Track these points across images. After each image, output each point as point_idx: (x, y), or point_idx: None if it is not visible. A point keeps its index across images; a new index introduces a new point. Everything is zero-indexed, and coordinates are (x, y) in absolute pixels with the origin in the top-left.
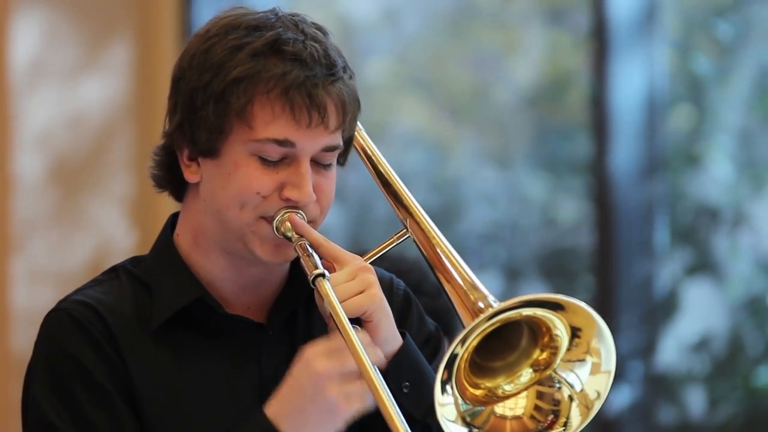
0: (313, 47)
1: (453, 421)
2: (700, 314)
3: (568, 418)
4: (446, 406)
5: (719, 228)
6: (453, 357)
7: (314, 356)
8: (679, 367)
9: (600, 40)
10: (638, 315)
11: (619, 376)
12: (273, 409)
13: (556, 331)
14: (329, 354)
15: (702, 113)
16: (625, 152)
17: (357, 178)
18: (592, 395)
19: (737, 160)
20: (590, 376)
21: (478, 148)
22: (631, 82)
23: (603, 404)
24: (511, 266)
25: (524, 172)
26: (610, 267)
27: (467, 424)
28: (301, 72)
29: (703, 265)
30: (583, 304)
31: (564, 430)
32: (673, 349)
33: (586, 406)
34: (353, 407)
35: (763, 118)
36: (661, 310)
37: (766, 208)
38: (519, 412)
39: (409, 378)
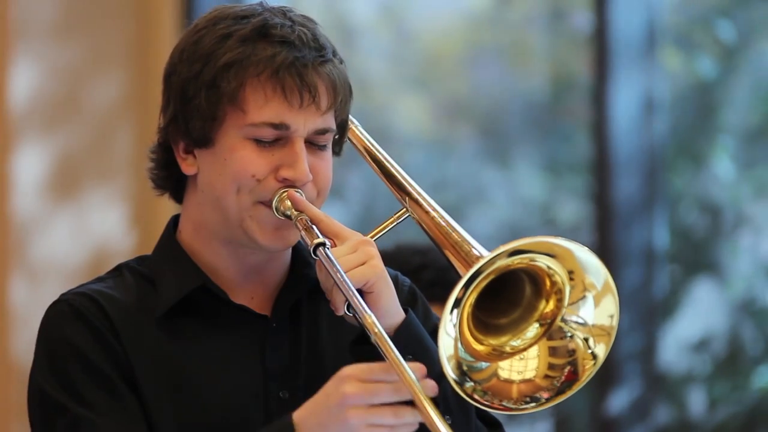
0: (301, 31)
1: (447, 360)
2: (700, 314)
3: (593, 356)
4: (448, 338)
5: (719, 228)
6: (467, 284)
7: (348, 377)
8: (679, 367)
9: (601, 43)
10: (638, 315)
11: (619, 375)
12: (300, 415)
13: (554, 273)
14: (363, 379)
15: (703, 113)
16: (625, 152)
17: (358, 179)
18: (606, 322)
19: (738, 160)
20: (596, 309)
21: (479, 148)
22: (633, 83)
23: (603, 404)
24: None
25: (524, 172)
26: (610, 267)
27: (463, 374)
28: (290, 53)
29: (704, 266)
30: (561, 241)
31: (594, 365)
32: (673, 349)
33: (607, 334)
34: None
35: (765, 119)
36: (661, 310)
37: (766, 209)
38: (530, 374)
39: (412, 351)
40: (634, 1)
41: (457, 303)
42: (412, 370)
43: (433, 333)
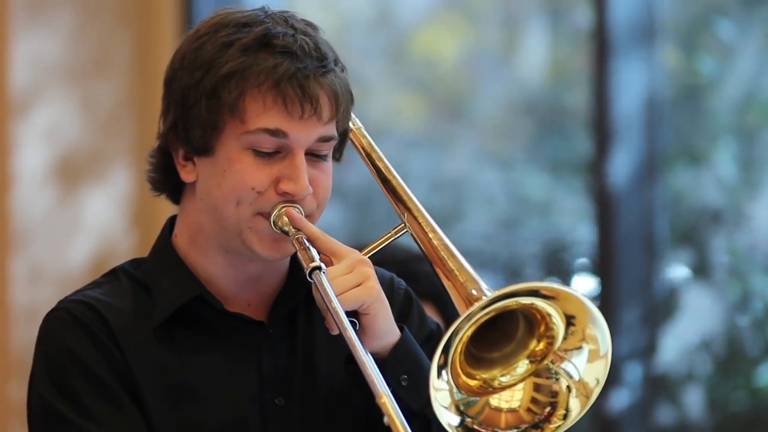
0: (303, 40)
1: (446, 408)
2: (700, 314)
3: (567, 409)
4: (441, 391)
5: (719, 228)
6: (448, 343)
7: None
8: (679, 368)
9: (601, 40)
10: (638, 315)
11: (619, 376)
12: None
13: (551, 321)
14: None
15: (702, 113)
16: (625, 152)
17: (356, 177)
18: (591, 383)
19: (738, 160)
20: (588, 364)
21: (478, 148)
22: (632, 81)
23: (603, 404)
24: (512, 266)
25: (524, 172)
26: (610, 267)
27: (461, 413)
28: (291, 64)
29: (704, 265)
30: (574, 291)
31: (564, 421)
32: (673, 349)
33: (585, 396)
34: None
35: (764, 118)
36: (661, 311)
37: (766, 208)
38: (515, 404)
39: (407, 371)
40: None
41: (445, 354)
42: None
43: (428, 340)
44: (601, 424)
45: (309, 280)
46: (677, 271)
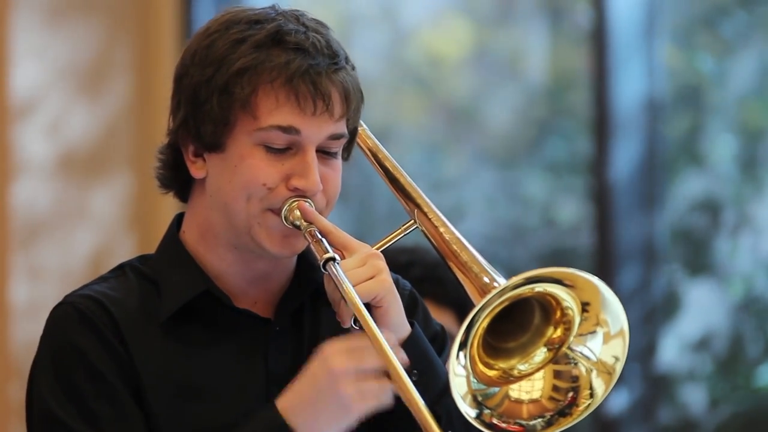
0: (315, 38)
1: (463, 397)
2: (701, 314)
3: (591, 389)
4: (458, 377)
5: (720, 228)
6: (469, 326)
7: (332, 353)
8: (680, 367)
9: (601, 40)
10: (638, 315)
11: (620, 375)
12: (285, 402)
13: (566, 307)
14: (348, 352)
15: (703, 112)
16: (625, 152)
17: (357, 177)
18: (610, 361)
19: (738, 159)
20: (604, 346)
21: (478, 148)
22: (632, 81)
23: (603, 404)
24: (512, 267)
25: (524, 172)
26: (610, 267)
27: (478, 404)
28: (304, 61)
29: (704, 265)
30: (586, 275)
31: (591, 400)
32: (673, 348)
33: (608, 373)
34: (367, 405)
35: (765, 118)
36: (662, 310)
37: (766, 208)
38: (536, 394)
39: (418, 366)
40: None
41: (468, 336)
42: (387, 341)
43: (433, 340)
44: (602, 425)
45: (323, 271)
46: (677, 270)
